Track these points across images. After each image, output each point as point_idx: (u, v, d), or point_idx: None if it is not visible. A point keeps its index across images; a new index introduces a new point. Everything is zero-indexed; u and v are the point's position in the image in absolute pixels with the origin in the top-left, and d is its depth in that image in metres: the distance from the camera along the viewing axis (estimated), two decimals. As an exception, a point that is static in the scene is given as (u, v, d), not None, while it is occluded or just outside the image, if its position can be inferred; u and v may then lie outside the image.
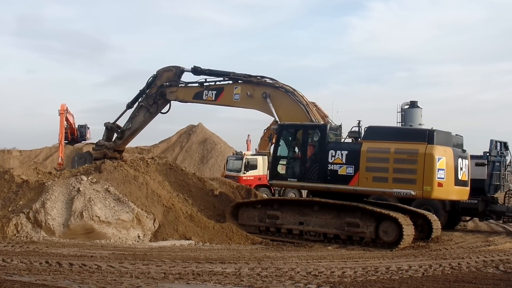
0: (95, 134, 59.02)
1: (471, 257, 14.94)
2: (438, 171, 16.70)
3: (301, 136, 19.02)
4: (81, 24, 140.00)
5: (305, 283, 11.04)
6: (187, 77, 23.70)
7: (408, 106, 30.84)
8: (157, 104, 23.79)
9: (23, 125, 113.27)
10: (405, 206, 19.40)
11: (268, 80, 21.16)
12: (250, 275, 11.72)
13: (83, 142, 56.56)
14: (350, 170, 17.69)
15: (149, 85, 23.85)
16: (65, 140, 54.24)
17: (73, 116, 52.01)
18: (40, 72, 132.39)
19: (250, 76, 21.51)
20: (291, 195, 30.58)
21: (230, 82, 22.07)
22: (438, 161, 16.71)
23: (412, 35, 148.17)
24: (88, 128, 56.99)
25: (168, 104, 24.02)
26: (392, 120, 30.64)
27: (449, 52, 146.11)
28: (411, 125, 25.79)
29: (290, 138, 19.40)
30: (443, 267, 13.21)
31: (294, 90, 20.46)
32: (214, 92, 22.29)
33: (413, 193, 16.94)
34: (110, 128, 25.23)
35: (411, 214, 18.15)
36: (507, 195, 23.42)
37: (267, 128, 38.01)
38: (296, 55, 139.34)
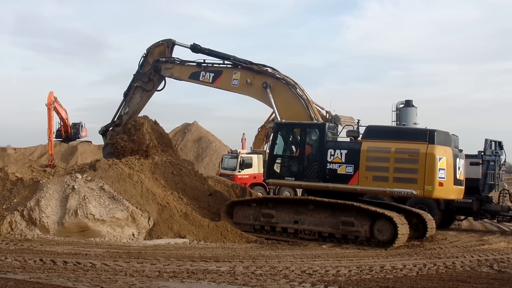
0: (92, 132, 59.10)
1: (465, 256, 14.98)
2: (439, 171, 16.79)
3: (299, 135, 19.00)
4: (79, 22, 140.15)
5: (299, 281, 11.04)
6: (185, 55, 23.27)
7: (403, 105, 30.81)
8: (153, 81, 23.27)
9: (18, 123, 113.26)
10: (400, 205, 19.44)
11: (269, 70, 20.88)
12: (245, 274, 11.71)
13: (77, 140, 56.54)
14: (349, 169, 17.70)
15: (141, 65, 23.33)
16: (59, 138, 54.18)
17: (66, 111, 51.70)
18: (37, 70, 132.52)
19: (251, 63, 21.13)
20: (286, 193, 30.61)
21: (230, 66, 21.61)
22: (439, 160, 16.80)
23: (407, 34, 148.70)
24: (83, 126, 56.95)
25: (163, 81, 23.54)
26: (387, 119, 30.63)
27: (443, 52, 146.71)
28: (404, 124, 25.76)
29: (287, 136, 19.38)
30: (438, 266, 13.23)
31: (296, 83, 20.28)
32: (212, 74, 21.82)
33: (414, 192, 16.98)
34: (106, 130, 24.44)
35: (406, 213, 18.17)
36: (501, 194, 23.48)
37: (261, 126, 38.09)
38: (292, 53, 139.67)
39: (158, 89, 23.77)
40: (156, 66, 23.02)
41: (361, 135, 18.28)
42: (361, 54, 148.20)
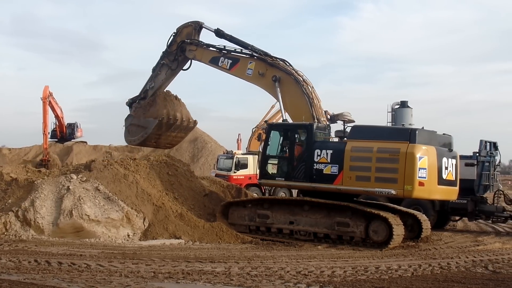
0: (87, 132, 59.08)
1: (460, 257, 15.00)
2: (419, 170, 16.56)
3: (289, 136, 19.04)
4: (75, 23, 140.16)
5: (294, 282, 11.04)
6: (209, 38, 23.59)
7: (398, 106, 30.87)
8: (177, 61, 23.66)
9: (13, 123, 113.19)
10: (395, 206, 19.43)
11: (282, 64, 21.01)
12: (240, 274, 11.71)
13: (73, 140, 56.54)
14: (334, 169, 17.66)
15: (169, 44, 23.77)
16: (54, 138, 54.13)
17: (61, 109, 51.70)
18: (33, 70, 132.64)
19: (266, 54, 21.36)
20: (282, 194, 30.60)
21: (248, 55, 21.87)
22: (419, 160, 16.57)
23: (402, 36, 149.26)
24: (78, 126, 57.00)
25: (189, 61, 23.86)
26: (383, 120, 30.70)
27: (439, 53, 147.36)
28: (403, 125, 25.78)
29: (278, 137, 19.43)
30: (433, 267, 13.26)
31: (304, 80, 20.40)
32: (230, 61, 22.11)
33: (393, 192, 16.80)
34: (133, 102, 24.90)
35: (401, 214, 18.18)
36: (496, 195, 23.50)
37: (256, 126, 38.13)
38: (288, 54, 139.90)
39: (183, 68, 24.15)
40: (182, 46, 23.41)
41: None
42: (356, 55, 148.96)
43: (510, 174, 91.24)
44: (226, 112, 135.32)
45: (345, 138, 18.35)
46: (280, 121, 21.60)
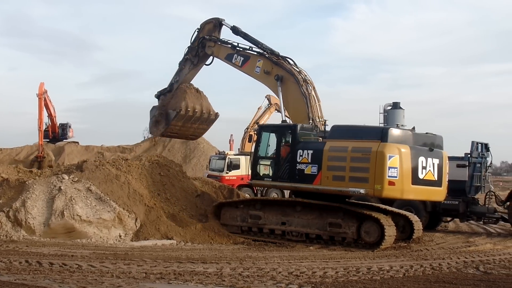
0: (79, 133, 58.91)
1: (451, 258, 15.03)
2: (389, 170, 16.40)
3: (276, 137, 19.11)
4: (68, 23, 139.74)
5: (286, 283, 11.04)
6: (228, 34, 23.97)
7: (390, 107, 30.92)
8: (198, 56, 24.14)
9: (4, 123, 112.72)
10: (387, 206, 19.43)
11: (285, 63, 21.24)
12: (232, 275, 11.70)
13: (64, 140, 56.38)
14: (314, 169, 17.67)
15: (193, 40, 24.24)
16: (46, 138, 53.90)
17: (54, 109, 51.56)
18: (25, 70, 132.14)
19: (272, 52, 21.70)
20: (274, 195, 30.61)
21: (258, 52, 22.20)
22: (389, 159, 16.41)
23: (395, 37, 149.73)
24: (70, 126, 56.89)
25: (211, 57, 24.23)
26: (375, 121, 30.74)
27: (431, 54, 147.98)
28: (397, 125, 25.82)
29: (267, 138, 19.52)
30: (424, 268, 13.28)
31: (305, 80, 20.60)
32: (242, 59, 22.56)
33: (362, 191, 16.69)
34: (161, 94, 25.44)
35: (392, 215, 18.21)
36: (487, 196, 23.58)
37: (247, 128, 38.22)
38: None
39: (206, 63, 24.61)
40: (202, 42, 23.92)
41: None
42: (349, 56, 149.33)
43: (502, 176, 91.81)
44: (218, 113, 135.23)
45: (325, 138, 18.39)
46: (278, 121, 21.75)
